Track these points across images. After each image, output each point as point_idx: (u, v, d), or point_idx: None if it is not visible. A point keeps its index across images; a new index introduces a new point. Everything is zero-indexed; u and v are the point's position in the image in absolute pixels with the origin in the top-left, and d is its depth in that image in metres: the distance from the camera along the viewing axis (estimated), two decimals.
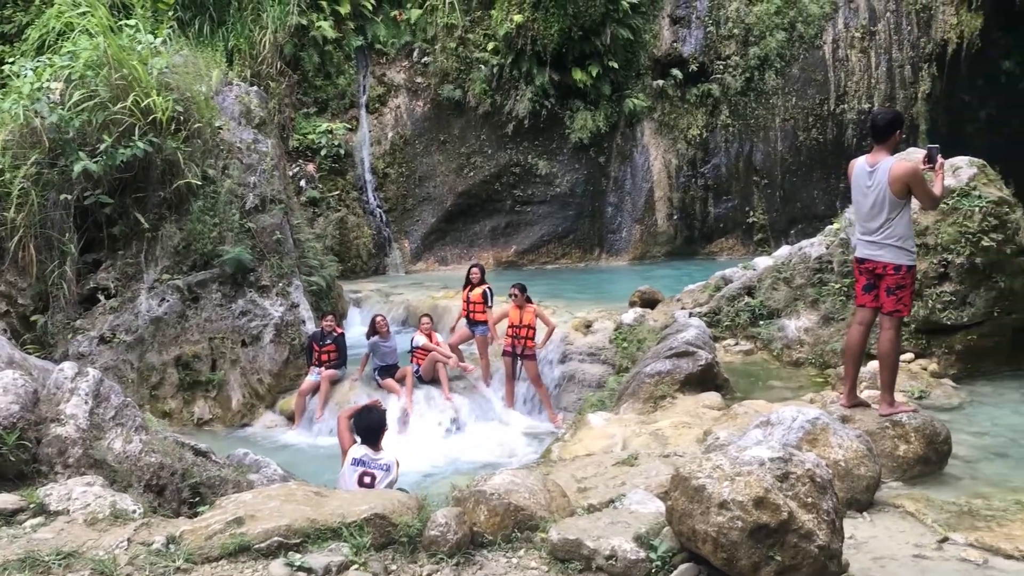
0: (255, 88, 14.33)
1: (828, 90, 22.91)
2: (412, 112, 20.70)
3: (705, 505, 3.70)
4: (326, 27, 19.06)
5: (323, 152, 19.15)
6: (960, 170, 9.45)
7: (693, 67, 21.94)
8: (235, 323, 11.74)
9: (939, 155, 6.37)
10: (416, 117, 20.71)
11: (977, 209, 9.11)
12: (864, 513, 5.28)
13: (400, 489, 5.89)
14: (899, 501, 5.46)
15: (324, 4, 19.26)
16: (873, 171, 6.27)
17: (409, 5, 20.60)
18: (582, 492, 5.51)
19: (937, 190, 6.36)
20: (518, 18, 19.67)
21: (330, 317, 12.11)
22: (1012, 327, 9.41)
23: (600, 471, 6.09)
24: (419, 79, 20.72)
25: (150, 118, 11.24)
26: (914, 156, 9.93)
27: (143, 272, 11.45)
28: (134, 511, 4.63)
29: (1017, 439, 7.27)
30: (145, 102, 11.13)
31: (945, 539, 4.82)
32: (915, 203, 8.23)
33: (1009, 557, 4.57)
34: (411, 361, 11.74)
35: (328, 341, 11.68)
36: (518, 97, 20.50)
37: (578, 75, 20.60)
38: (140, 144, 10.99)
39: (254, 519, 4.22)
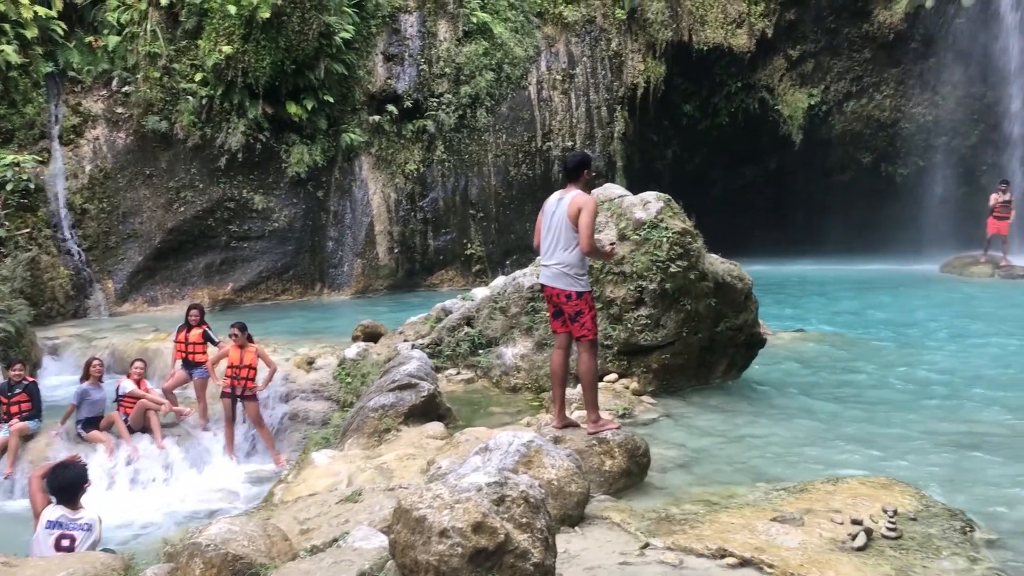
0: None
1: (535, 128, 24.26)
2: (113, 144, 19.36)
3: (426, 535, 3.77)
4: (9, 51, 17.38)
5: (9, 187, 17.37)
6: (649, 204, 10.32)
7: (408, 103, 22.37)
8: None
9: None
10: (118, 149, 19.39)
11: (665, 239, 9.99)
12: (576, 527, 5.60)
13: (106, 549, 5.49)
14: (607, 513, 5.85)
15: (7, 27, 17.58)
16: (559, 203, 6.73)
17: (106, 32, 19.29)
18: (305, 534, 5.40)
19: (596, 249, 6.85)
20: (227, 49, 19.07)
21: (18, 365, 11.03)
22: (698, 346, 10.41)
23: (324, 510, 6.01)
24: (120, 109, 19.43)
25: None
26: (610, 191, 10.74)
27: None
28: None
29: (704, 448, 8.05)
30: None
31: (647, 545, 5.24)
32: (606, 237, 8.88)
33: (700, 556, 5.06)
34: (118, 410, 10.95)
35: (18, 391, 10.66)
36: (230, 130, 19.81)
37: (293, 108, 20.30)
38: None
39: None
